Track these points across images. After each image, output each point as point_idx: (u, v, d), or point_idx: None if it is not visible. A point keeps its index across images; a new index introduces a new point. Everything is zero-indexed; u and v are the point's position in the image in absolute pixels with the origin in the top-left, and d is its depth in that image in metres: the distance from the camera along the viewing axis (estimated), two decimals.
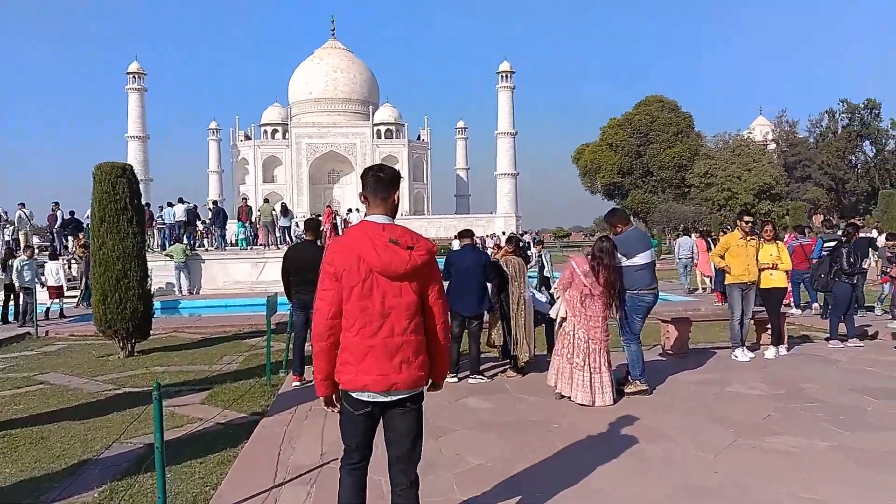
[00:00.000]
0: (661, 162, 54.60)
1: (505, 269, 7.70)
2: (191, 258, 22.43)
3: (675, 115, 56.00)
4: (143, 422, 6.14)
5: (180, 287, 21.71)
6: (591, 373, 6.38)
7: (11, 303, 15.40)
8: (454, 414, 6.25)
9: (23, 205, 22.55)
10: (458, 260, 7.57)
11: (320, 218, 16.73)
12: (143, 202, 12.21)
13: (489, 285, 7.65)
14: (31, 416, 6.90)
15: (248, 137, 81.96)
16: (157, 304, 19.32)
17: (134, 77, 73.83)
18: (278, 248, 24.11)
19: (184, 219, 24.11)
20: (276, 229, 25.62)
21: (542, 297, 9.12)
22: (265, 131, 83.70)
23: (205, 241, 31.88)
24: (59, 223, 22.23)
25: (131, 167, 10.49)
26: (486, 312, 7.65)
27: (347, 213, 32.71)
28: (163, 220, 24.36)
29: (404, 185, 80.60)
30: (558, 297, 6.82)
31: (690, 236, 21.12)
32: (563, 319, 6.63)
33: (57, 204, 22.40)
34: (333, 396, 3.05)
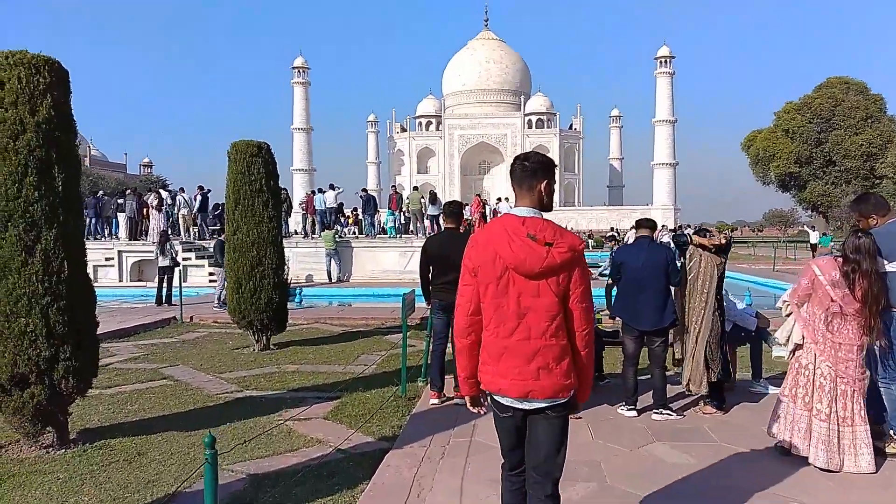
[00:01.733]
0: (846, 150, 48.50)
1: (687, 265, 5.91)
2: (341, 244, 22.05)
3: (864, 98, 49.54)
4: (252, 441, 5.10)
5: (330, 274, 21.42)
6: (838, 424, 4.52)
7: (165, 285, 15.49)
8: (638, 470, 4.63)
9: (182, 189, 23.23)
10: (629, 259, 5.87)
11: (464, 203, 15.38)
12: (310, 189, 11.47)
13: (673, 290, 5.89)
14: (140, 422, 6.10)
15: (403, 129, 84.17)
16: (306, 291, 19.45)
17: (299, 71, 77.39)
18: (426, 237, 23.29)
19: (334, 205, 23.88)
20: (425, 218, 24.78)
21: (741, 305, 7.22)
22: (420, 123, 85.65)
23: (355, 228, 32.06)
24: (197, 207, 22.52)
25: (268, 145, 9.71)
26: (671, 327, 5.90)
27: (497, 203, 31.41)
28: (316, 205, 24.30)
29: (555, 175, 78.95)
30: (786, 312, 4.95)
31: None
32: (798, 347, 4.80)
33: (201, 187, 22.76)
34: (480, 398, 2.93)
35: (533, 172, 2.79)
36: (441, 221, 25.28)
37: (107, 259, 21.05)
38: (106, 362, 8.92)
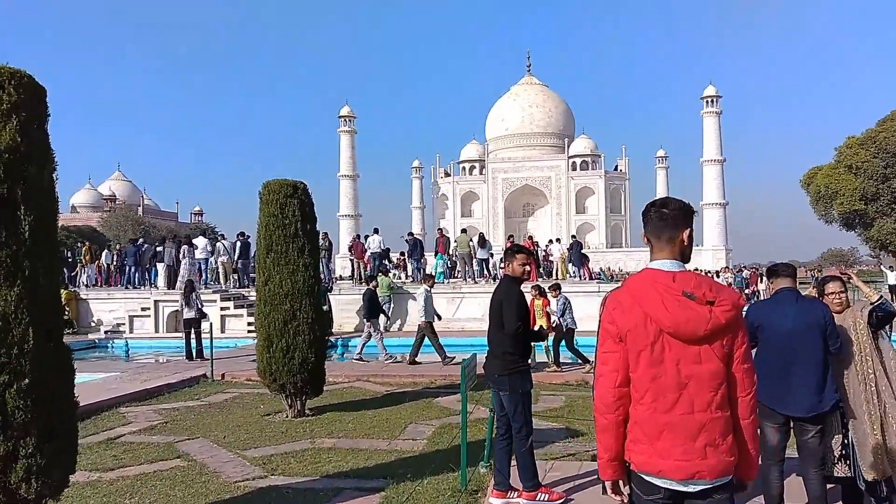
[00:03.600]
0: None
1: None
2: (397, 292, 20.74)
3: None
4: None
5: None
6: None
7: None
8: None
9: (223, 236, 22.46)
10: (773, 320, 4.34)
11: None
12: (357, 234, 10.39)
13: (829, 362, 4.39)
14: None
15: (447, 174, 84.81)
16: (342, 341, 18.25)
17: (345, 120, 78.37)
18: (475, 283, 21.93)
19: (378, 250, 22.79)
20: (474, 262, 23.46)
21: None
22: (463, 167, 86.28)
23: (401, 274, 30.95)
24: (237, 254, 21.73)
25: (304, 185, 8.62)
26: (832, 412, 4.34)
27: (548, 245, 29.98)
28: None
29: (600, 217, 77.58)
30: None
31: None
32: None
33: (242, 234, 21.95)
34: (621, 482, 2.55)
35: (675, 221, 2.53)
36: (491, 266, 24.02)
37: (143, 309, 20.25)
38: (117, 434, 7.84)
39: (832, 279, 4.59)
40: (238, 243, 21.79)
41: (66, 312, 20.47)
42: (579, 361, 12.47)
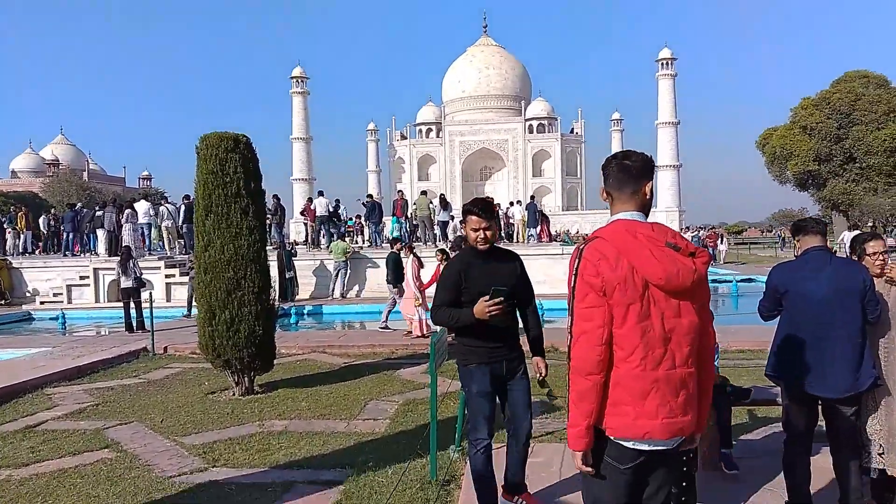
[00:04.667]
0: (868, 146, 46.33)
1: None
2: (354, 257, 19.86)
3: (885, 92, 47.31)
4: None
5: (333, 289, 19.29)
6: None
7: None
8: None
9: (165, 199, 21.18)
10: (804, 284, 3.68)
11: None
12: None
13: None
14: None
15: (404, 137, 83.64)
16: (305, 308, 17.39)
17: (297, 81, 75.88)
18: (435, 246, 21.21)
19: (325, 213, 21.83)
20: (434, 225, 22.69)
21: None
22: (420, 130, 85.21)
23: (358, 237, 30.02)
24: (182, 217, 20.50)
25: (247, 138, 7.69)
26: (870, 390, 3.69)
27: (509, 207, 29.36)
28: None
29: (556, 180, 77.44)
30: None
31: None
32: None
33: (187, 197, 20.71)
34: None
35: (638, 172, 2.44)
36: (449, 230, 23.27)
37: (82, 278, 18.95)
38: (38, 420, 6.96)
39: (873, 236, 3.93)
40: (183, 207, 20.53)
41: None
42: None
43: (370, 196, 25.45)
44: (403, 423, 6.39)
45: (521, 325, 4.04)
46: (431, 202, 23.50)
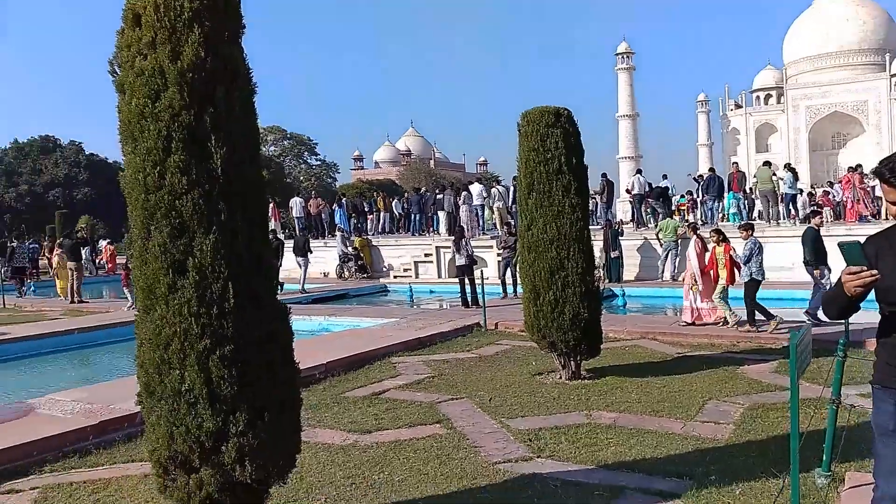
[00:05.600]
0: None
1: None
2: (683, 238, 18.55)
3: None
4: None
5: (662, 272, 18.13)
6: None
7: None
8: None
9: (498, 181, 22.02)
10: None
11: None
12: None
13: None
14: None
15: (738, 106, 76.82)
16: (624, 291, 16.63)
17: (623, 57, 74.67)
18: (778, 225, 18.73)
19: (640, 192, 20.75)
20: (780, 199, 20.07)
21: None
22: (757, 97, 77.54)
23: (689, 215, 28.18)
24: (512, 199, 20.98)
25: (567, 111, 7.31)
26: None
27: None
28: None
29: None
30: None
31: None
32: None
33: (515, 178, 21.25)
34: None
35: None
36: (798, 204, 20.38)
37: (426, 255, 20.80)
38: (383, 388, 7.47)
39: None
40: (512, 188, 21.24)
41: (360, 258, 21.87)
42: (762, 318, 9.91)
43: (712, 169, 23.53)
44: (751, 432, 5.44)
45: None
46: (775, 174, 20.82)
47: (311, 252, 19.98)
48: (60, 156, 58.24)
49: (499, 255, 17.03)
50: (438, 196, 23.37)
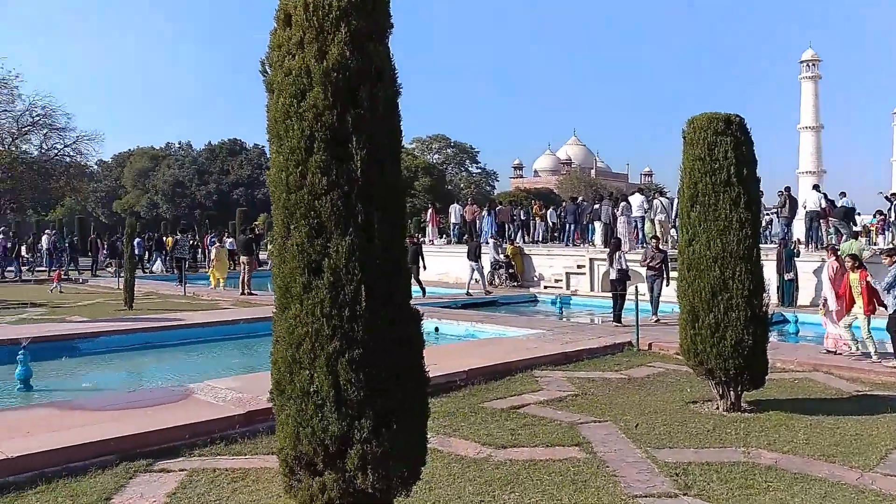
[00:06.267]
0: None
1: None
2: (871, 261, 16.64)
3: None
4: None
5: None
6: None
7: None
8: None
9: (662, 192, 21.03)
10: None
11: None
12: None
13: None
14: None
15: None
16: (797, 317, 15.12)
17: (808, 65, 69.27)
18: None
19: (815, 210, 18.80)
20: None
21: None
22: None
23: (878, 237, 25.37)
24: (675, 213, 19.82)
25: (739, 118, 6.71)
26: None
27: None
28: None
29: None
30: None
31: None
32: None
33: None
34: None
35: None
36: None
37: (578, 266, 20.26)
38: (523, 402, 7.27)
39: None
40: (676, 200, 20.18)
41: (511, 266, 21.73)
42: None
43: None
44: None
45: None
46: None
47: (482, 256, 19.95)
48: (245, 158, 63.54)
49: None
50: (595, 206, 22.71)
